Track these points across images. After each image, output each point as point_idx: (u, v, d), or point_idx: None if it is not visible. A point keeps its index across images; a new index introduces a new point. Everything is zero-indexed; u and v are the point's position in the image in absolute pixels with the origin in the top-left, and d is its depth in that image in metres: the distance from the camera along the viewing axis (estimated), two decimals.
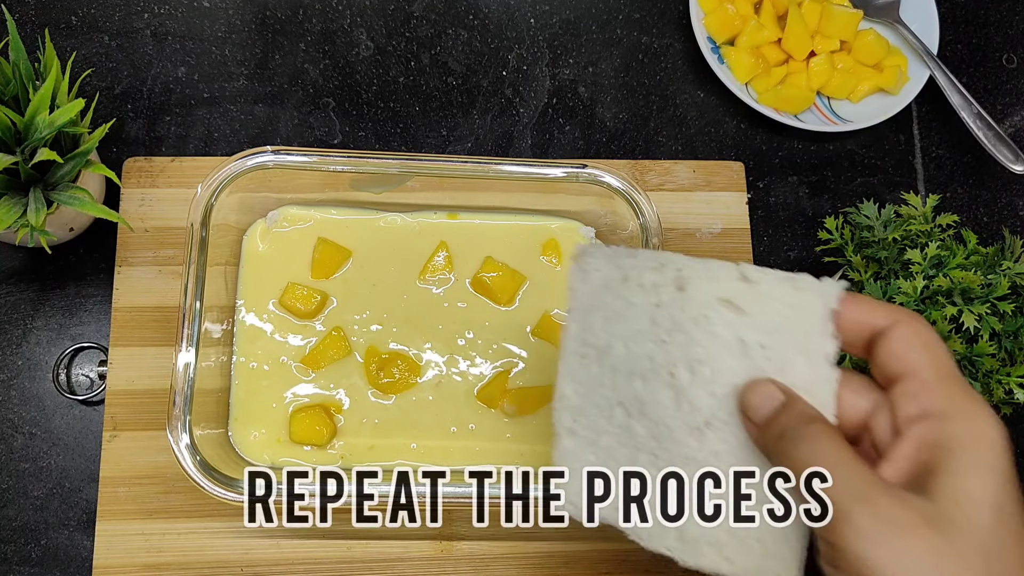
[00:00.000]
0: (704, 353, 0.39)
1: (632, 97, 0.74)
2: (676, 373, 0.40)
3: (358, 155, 0.58)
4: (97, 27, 0.70)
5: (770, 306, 0.39)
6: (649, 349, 0.41)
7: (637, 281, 0.41)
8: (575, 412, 0.42)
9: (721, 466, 0.39)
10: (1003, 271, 0.55)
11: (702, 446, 0.39)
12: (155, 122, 0.68)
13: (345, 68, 0.72)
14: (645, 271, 0.41)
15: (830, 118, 0.73)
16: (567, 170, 0.59)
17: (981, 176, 0.76)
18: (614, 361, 0.42)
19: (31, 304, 0.63)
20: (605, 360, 0.42)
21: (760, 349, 0.38)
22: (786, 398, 0.35)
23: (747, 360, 0.39)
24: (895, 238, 0.57)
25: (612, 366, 0.42)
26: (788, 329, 0.39)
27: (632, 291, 0.41)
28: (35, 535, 0.59)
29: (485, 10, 0.75)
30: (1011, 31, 0.81)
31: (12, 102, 0.55)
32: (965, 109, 0.72)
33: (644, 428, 0.40)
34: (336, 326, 0.61)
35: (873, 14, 0.76)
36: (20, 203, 0.54)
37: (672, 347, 0.40)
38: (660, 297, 0.41)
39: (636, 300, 0.41)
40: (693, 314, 0.39)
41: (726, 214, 0.69)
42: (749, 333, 0.38)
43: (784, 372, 0.38)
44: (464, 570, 0.59)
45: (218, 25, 0.71)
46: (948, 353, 0.35)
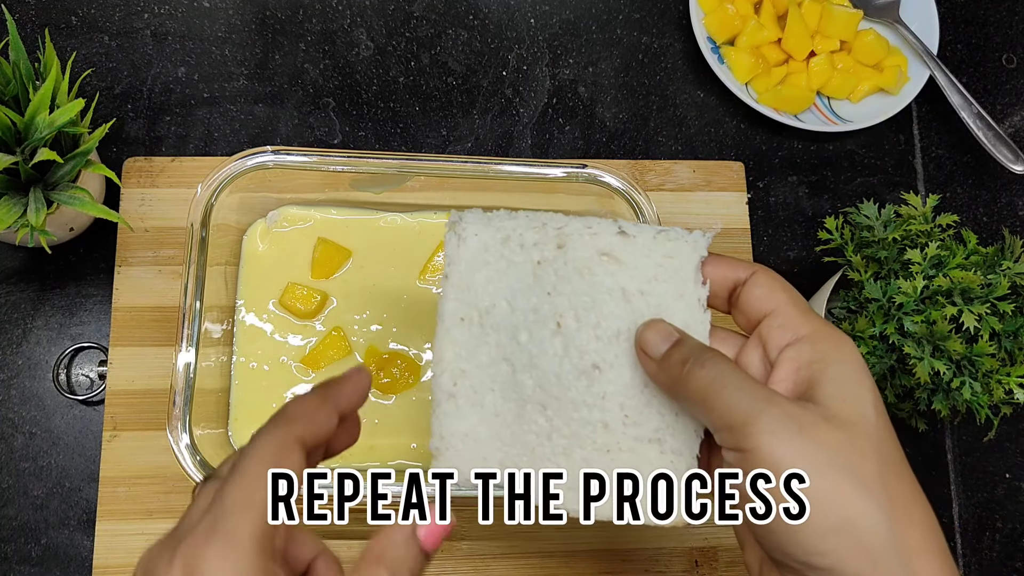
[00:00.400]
0: (589, 301, 0.43)
1: (632, 97, 0.74)
2: (563, 322, 0.43)
3: (358, 155, 0.58)
4: (97, 27, 0.70)
5: (647, 257, 0.43)
6: (534, 303, 0.43)
7: (518, 241, 0.44)
8: (456, 375, 0.43)
9: (609, 407, 0.42)
10: (1003, 271, 0.55)
11: (590, 389, 0.42)
12: (155, 122, 0.68)
13: (345, 68, 0.72)
14: (526, 231, 0.44)
15: (830, 118, 0.73)
16: (567, 170, 0.59)
17: (981, 176, 0.76)
18: (497, 320, 0.44)
19: (31, 304, 0.63)
20: (487, 320, 0.44)
21: (640, 296, 0.43)
22: (680, 335, 0.39)
23: (629, 306, 0.42)
24: (895, 238, 0.57)
25: (495, 325, 0.44)
26: (664, 278, 0.43)
27: (513, 251, 0.44)
28: (35, 534, 0.59)
29: (485, 10, 0.75)
30: (1011, 31, 0.81)
31: (12, 102, 0.55)
32: (965, 109, 0.72)
33: (532, 379, 0.42)
34: (336, 326, 0.61)
35: (873, 14, 0.76)
36: (20, 203, 0.54)
37: (557, 299, 0.43)
38: (543, 254, 0.43)
39: (518, 259, 0.44)
40: (577, 267, 0.43)
41: (726, 214, 0.69)
42: (630, 282, 0.42)
43: (663, 316, 0.42)
44: (464, 570, 0.59)
45: (218, 25, 0.71)
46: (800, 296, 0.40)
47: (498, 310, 0.44)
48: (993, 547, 0.66)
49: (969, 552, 0.66)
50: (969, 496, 0.67)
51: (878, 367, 0.54)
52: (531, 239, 0.44)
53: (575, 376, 0.42)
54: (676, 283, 0.43)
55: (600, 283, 0.42)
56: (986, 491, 0.68)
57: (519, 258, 0.44)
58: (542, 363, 0.43)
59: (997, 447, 0.69)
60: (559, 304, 0.43)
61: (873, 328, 0.55)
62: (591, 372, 0.43)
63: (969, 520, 0.67)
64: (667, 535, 0.61)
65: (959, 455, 0.68)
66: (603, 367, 0.42)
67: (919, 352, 0.52)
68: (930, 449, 0.68)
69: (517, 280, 0.44)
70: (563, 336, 0.43)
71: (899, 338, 0.53)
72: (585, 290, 0.43)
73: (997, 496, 0.68)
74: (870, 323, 0.55)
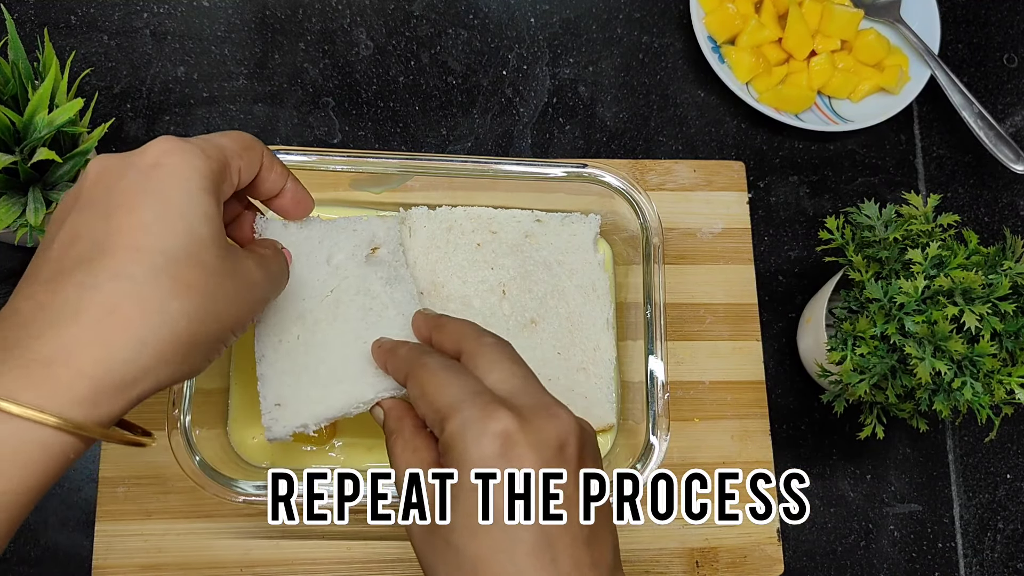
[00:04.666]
0: (523, 271, 0.59)
1: (632, 96, 0.74)
2: (507, 289, 0.59)
3: (358, 155, 0.58)
4: (96, 27, 0.70)
5: (559, 236, 0.61)
6: (481, 276, 0.59)
7: (459, 231, 0.60)
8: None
9: (546, 349, 0.58)
10: (1004, 271, 0.54)
11: (530, 339, 0.58)
12: (154, 122, 0.68)
13: (345, 68, 0.71)
14: (464, 222, 0.60)
15: (831, 118, 0.73)
16: (567, 170, 0.59)
17: (982, 176, 0.76)
18: (451, 291, 0.58)
19: None
20: (443, 292, 0.58)
21: (559, 265, 0.59)
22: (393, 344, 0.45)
23: (551, 273, 0.60)
24: (896, 238, 0.57)
25: (449, 295, 0.58)
26: (572, 250, 0.61)
27: (456, 237, 0.60)
28: (34, 535, 0.59)
29: (485, 9, 0.74)
30: (1012, 31, 0.80)
31: (11, 101, 0.55)
32: (966, 109, 0.72)
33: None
34: None
35: (874, 13, 0.76)
36: (19, 203, 0.54)
37: (500, 271, 0.59)
38: (482, 238, 0.60)
39: (461, 242, 0.59)
40: (510, 246, 0.60)
41: (727, 214, 0.69)
42: (550, 255, 0.57)
43: (575, 276, 0.60)
44: None
45: (217, 24, 0.71)
46: None
47: (451, 284, 0.58)
48: (995, 548, 0.66)
49: (971, 553, 0.66)
50: (970, 497, 0.67)
51: (879, 367, 0.54)
52: (469, 227, 0.60)
53: (519, 329, 0.58)
54: (581, 253, 0.61)
55: (528, 257, 0.56)
56: (987, 492, 0.68)
57: (462, 241, 0.58)
58: (493, 322, 0.57)
59: (998, 448, 0.69)
60: (501, 275, 0.59)
61: (874, 328, 0.55)
62: (530, 325, 0.59)
63: (970, 521, 0.67)
64: (667, 535, 0.61)
65: (960, 456, 0.68)
66: (538, 320, 0.59)
67: (920, 352, 0.52)
68: (931, 450, 0.68)
69: (464, 259, 0.59)
70: (509, 300, 0.59)
71: (900, 338, 0.53)
72: (519, 263, 0.59)
73: (998, 497, 0.68)
74: (871, 323, 0.55)
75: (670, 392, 0.56)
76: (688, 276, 0.67)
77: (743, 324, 0.67)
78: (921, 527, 0.66)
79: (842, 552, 0.64)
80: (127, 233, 0.34)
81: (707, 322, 0.66)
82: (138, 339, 0.33)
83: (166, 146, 0.36)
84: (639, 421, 0.56)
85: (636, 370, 0.57)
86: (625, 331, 0.61)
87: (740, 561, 0.61)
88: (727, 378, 0.65)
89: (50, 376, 0.31)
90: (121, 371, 0.32)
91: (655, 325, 0.56)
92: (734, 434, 0.64)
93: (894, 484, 0.66)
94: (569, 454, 0.37)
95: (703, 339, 0.66)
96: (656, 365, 0.56)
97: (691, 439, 0.63)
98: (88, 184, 0.36)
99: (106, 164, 0.36)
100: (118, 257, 0.33)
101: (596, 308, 0.60)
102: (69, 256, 0.34)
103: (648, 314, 0.57)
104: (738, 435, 0.64)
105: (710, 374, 0.65)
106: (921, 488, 0.67)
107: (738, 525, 0.62)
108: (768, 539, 0.62)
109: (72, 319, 0.32)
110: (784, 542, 0.63)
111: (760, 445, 0.64)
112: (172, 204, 0.35)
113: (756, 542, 0.62)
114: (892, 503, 0.66)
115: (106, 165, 0.36)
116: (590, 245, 0.61)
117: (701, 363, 0.65)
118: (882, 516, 0.66)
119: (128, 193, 0.35)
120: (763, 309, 0.68)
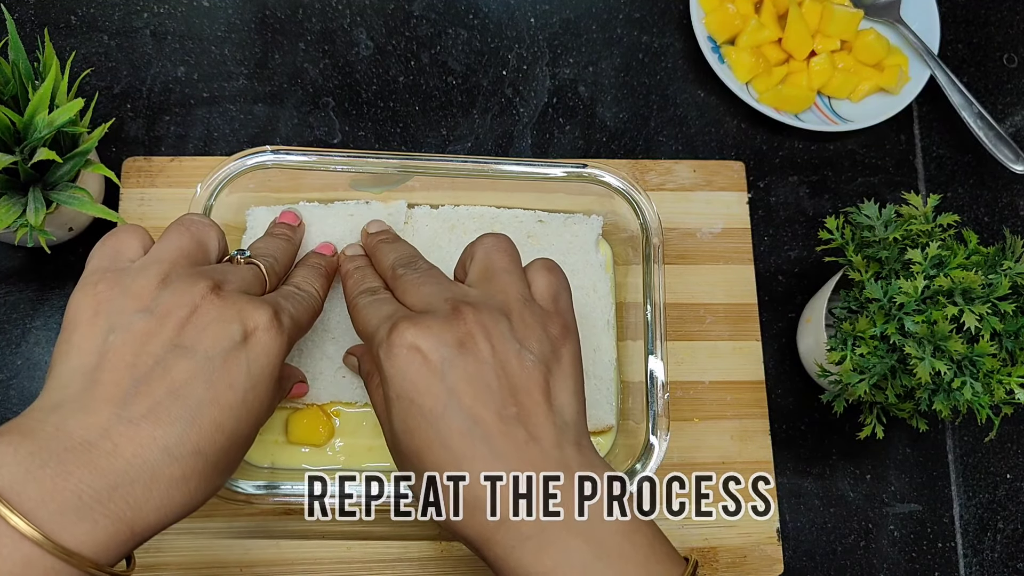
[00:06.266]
0: None
1: (632, 97, 0.74)
2: None
3: (358, 155, 0.58)
4: (96, 26, 0.70)
5: (560, 237, 0.61)
6: None
7: (462, 230, 0.60)
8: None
9: None
10: (1004, 271, 0.55)
11: None
12: (154, 122, 0.68)
13: (345, 68, 0.71)
14: (467, 221, 0.61)
15: (831, 118, 0.73)
16: (567, 170, 0.59)
17: (982, 176, 0.76)
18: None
19: (30, 304, 0.63)
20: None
21: (561, 265, 0.57)
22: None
23: None
24: (896, 238, 0.57)
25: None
26: (574, 250, 0.61)
27: (459, 236, 0.60)
28: None
29: (485, 10, 0.74)
30: (1012, 31, 0.80)
31: (11, 102, 0.55)
32: (966, 109, 0.72)
33: None
34: None
35: (874, 13, 0.76)
36: (19, 203, 0.54)
37: None
38: None
39: (463, 241, 0.56)
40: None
41: (727, 214, 0.69)
42: (552, 256, 0.54)
43: (576, 276, 0.58)
44: (464, 570, 0.59)
45: (218, 24, 0.71)
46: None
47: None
48: (995, 548, 0.66)
49: (971, 553, 0.66)
50: (970, 497, 0.67)
51: (879, 367, 0.54)
52: (472, 227, 0.60)
53: None
54: (582, 254, 0.61)
55: (530, 257, 0.55)
56: (987, 492, 0.68)
57: (465, 240, 0.56)
58: None
59: (998, 448, 0.69)
60: None
61: (874, 328, 0.55)
62: None
63: (970, 521, 0.67)
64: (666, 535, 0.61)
65: (960, 455, 0.68)
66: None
67: (920, 352, 0.52)
68: (931, 449, 0.68)
69: None
70: None
71: (900, 338, 0.53)
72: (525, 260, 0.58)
73: (998, 497, 0.68)
74: (871, 323, 0.55)
75: (670, 392, 0.56)
76: (688, 276, 0.67)
77: (743, 324, 0.67)
78: (921, 527, 0.66)
79: (842, 552, 0.64)
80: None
81: (707, 322, 0.66)
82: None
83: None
84: (639, 421, 0.56)
85: (636, 370, 0.57)
86: (625, 331, 0.61)
87: (740, 561, 0.61)
88: (727, 378, 0.65)
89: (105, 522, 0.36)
90: (155, 529, 0.38)
91: (655, 325, 0.56)
92: (734, 434, 0.64)
93: (894, 484, 0.66)
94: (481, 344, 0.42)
95: (703, 339, 0.66)
96: (656, 365, 0.56)
97: (691, 439, 0.63)
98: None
99: None
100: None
101: (597, 309, 0.60)
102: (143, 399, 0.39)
103: (648, 314, 0.57)
104: (738, 435, 0.64)
105: (710, 374, 0.65)
106: (921, 488, 0.67)
107: (738, 525, 0.62)
108: (768, 539, 0.62)
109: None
110: (784, 542, 0.64)
111: (760, 445, 0.64)
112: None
113: (756, 542, 0.62)
114: (892, 503, 0.66)
115: None
116: (592, 246, 0.61)
117: (701, 363, 0.65)
118: (882, 516, 0.66)
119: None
120: (763, 309, 0.68)
